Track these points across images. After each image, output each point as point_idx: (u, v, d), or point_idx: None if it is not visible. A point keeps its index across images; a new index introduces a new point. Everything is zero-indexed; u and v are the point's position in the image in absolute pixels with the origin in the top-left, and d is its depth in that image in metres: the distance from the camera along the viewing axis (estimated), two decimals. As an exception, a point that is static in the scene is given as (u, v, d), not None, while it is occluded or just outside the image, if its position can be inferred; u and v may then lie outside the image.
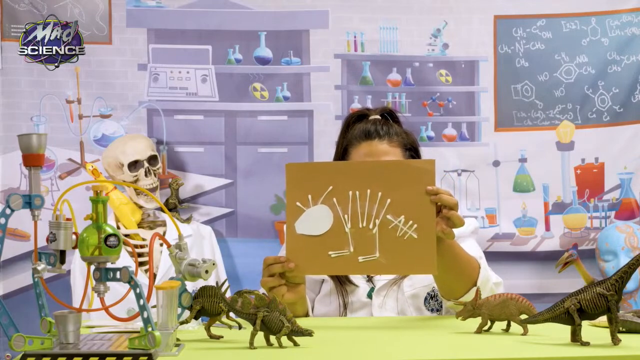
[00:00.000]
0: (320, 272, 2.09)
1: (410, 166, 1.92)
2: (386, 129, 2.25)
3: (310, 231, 1.91)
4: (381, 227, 1.88)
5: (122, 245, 1.44)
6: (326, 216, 1.91)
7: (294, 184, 1.93)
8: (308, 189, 1.91)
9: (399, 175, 1.89)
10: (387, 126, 2.27)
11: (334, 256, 1.89)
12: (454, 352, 1.54)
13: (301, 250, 1.91)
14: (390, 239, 1.87)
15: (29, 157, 1.45)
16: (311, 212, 1.91)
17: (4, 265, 3.22)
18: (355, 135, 2.27)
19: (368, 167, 1.95)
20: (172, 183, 3.29)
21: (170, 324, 1.52)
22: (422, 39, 3.43)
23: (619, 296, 1.47)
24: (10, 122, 3.30)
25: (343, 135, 2.32)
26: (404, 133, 2.30)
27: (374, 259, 1.88)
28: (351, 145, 2.27)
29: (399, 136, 2.26)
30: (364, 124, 2.29)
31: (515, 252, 3.42)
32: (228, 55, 3.41)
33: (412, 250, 1.86)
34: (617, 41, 3.43)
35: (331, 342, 1.63)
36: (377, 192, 1.88)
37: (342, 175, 1.91)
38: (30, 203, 1.43)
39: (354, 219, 1.89)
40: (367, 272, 2.08)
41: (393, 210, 1.87)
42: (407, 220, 1.87)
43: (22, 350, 1.37)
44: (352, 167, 1.99)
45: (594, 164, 3.45)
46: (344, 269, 1.95)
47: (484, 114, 3.45)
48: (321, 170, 1.94)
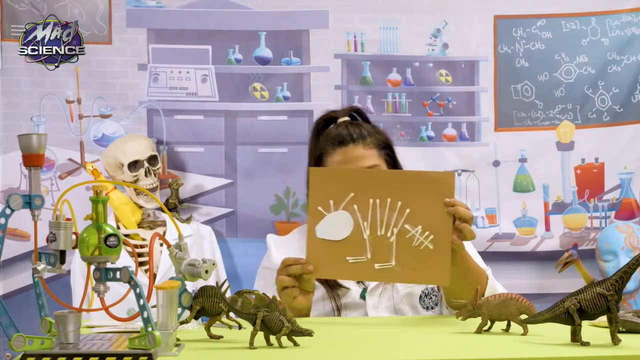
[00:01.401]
0: (337, 277, 2.09)
1: (431, 177, 1.96)
2: (358, 131, 2.23)
3: (330, 236, 1.96)
4: (399, 236, 1.92)
5: (122, 245, 1.44)
6: (346, 222, 1.96)
7: (316, 188, 1.98)
8: (330, 194, 1.96)
9: (419, 185, 1.93)
10: (359, 128, 2.24)
11: (351, 262, 1.94)
12: (454, 352, 1.54)
13: (320, 254, 1.95)
14: (406, 248, 1.92)
15: (29, 157, 1.45)
16: (332, 217, 1.96)
17: (4, 265, 3.22)
18: (327, 142, 2.24)
19: (390, 176, 2.01)
20: (172, 183, 3.29)
21: (170, 324, 1.52)
22: (422, 39, 3.43)
23: (619, 296, 1.47)
24: (10, 122, 3.30)
25: (314, 142, 2.29)
26: (376, 132, 2.27)
27: (389, 266, 1.92)
28: (325, 153, 2.24)
29: (372, 136, 2.24)
30: (334, 128, 2.26)
31: (515, 252, 3.42)
32: (228, 55, 3.41)
33: (427, 260, 1.90)
34: (617, 41, 3.43)
35: (331, 342, 1.63)
36: (397, 201, 1.93)
37: (364, 183, 1.95)
38: (30, 203, 1.43)
39: (373, 227, 1.94)
40: (382, 280, 2.08)
41: (411, 220, 1.92)
42: (424, 231, 1.91)
43: (22, 350, 1.37)
44: (374, 175, 2.03)
45: (594, 164, 3.45)
46: (360, 274, 2.00)
47: (484, 114, 3.45)
48: (344, 176, 1.98)
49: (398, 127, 3.42)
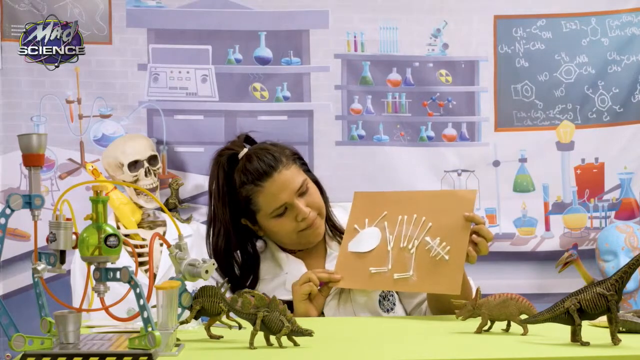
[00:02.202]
0: (359, 286, 2.13)
1: (455, 194, 2.14)
2: (270, 157, 2.17)
3: (359, 249, 2.11)
4: (419, 248, 2.03)
5: (122, 245, 1.44)
6: (375, 237, 2.11)
7: (357, 209, 2.16)
8: (367, 213, 2.13)
9: (443, 200, 2.07)
10: (267, 153, 2.19)
11: (373, 272, 2.06)
12: (454, 352, 1.54)
13: (347, 265, 2.10)
14: (424, 258, 2.02)
15: (29, 157, 1.45)
16: (363, 233, 2.12)
17: (4, 265, 3.22)
18: (247, 182, 2.17)
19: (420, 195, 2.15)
20: (172, 183, 3.29)
21: (170, 324, 1.52)
22: (422, 39, 3.43)
23: (619, 296, 1.47)
24: (10, 122, 3.30)
25: (224, 184, 2.20)
26: (279, 148, 2.22)
27: (407, 276, 2.02)
28: (253, 193, 2.16)
29: (282, 154, 2.19)
30: (245, 163, 2.18)
31: (515, 252, 3.42)
32: (228, 55, 3.41)
33: (441, 270, 1.99)
34: (617, 41, 3.43)
35: (331, 342, 1.63)
36: (421, 217, 2.06)
37: (397, 203, 2.11)
38: (30, 203, 1.43)
39: (397, 240, 2.07)
40: (399, 289, 2.11)
41: (432, 232, 2.03)
42: (441, 242, 2.02)
43: (22, 350, 1.37)
44: (407, 195, 2.18)
45: (594, 164, 3.45)
46: (379, 284, 2.09)
47: (484, 114, 3.45)
48: (383, 198, 2.16)
49: (398, 127, 3.42)
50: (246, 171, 2.18)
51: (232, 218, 2.21)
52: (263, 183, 2.16)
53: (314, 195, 2.21)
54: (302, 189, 2.18)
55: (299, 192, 2.17)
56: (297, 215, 2.16)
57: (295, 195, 2.16)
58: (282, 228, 2.19)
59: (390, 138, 3.40)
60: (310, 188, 2.21)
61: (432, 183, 3.41)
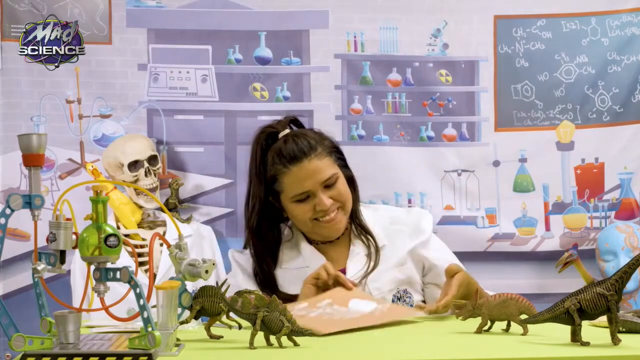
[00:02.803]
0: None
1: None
2: (306, 143, 2.21)
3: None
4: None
5: (122, 245, 1.44)
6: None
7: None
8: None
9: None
10: (305, 139, 2.23)
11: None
12: (454, 352, 1.54)
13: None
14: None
15: (29, 157, 1.45)
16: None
17: (4, 265, 3.22)
18: (278, 160, 2.21)
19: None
20: (172, 183, 3.29)
21: (170, 324, 1.52)
22: (422, 39, 3.43)
23: (619, 296, 1.47)
24: (10, 122, 3.30)
25: (260, 161, 2.25)
26: (321, 138, 2.26)
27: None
28: (280, 173, 2.21)
29: (320, 145, 2.23)
30: (280, 144, 2.23)
31: (515, 252, 3.42)
32: (228, 55, 3.40)
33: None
34: (617, 41, 3.43)
35: (331, 342, 1.63)
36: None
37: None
38: (30, 203, 1.43)
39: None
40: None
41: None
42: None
43: (22, 350, 1.38)
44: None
45: (594, 164, 3.45)
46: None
47: (484, 114, 3.45)
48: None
49: (398, 127, 3.42)
50: (279, 151, 2.22)
51: (265, 195, 2.25)
52: (291, 166, 2.20)
53: (340, 190, 2.23)
54: (329, 181, 2.20)
55: (325, 184, 2.20)
56: (316, 204, 2.17)
57: (320, 185, 2.19)
58: (299, 213, 2.22)
59: (390, 138, 3.40)
60: (338, 182, 2.23)
61: (432, 183, 3.41)
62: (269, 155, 2.24)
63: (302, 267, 2.24)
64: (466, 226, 3.39)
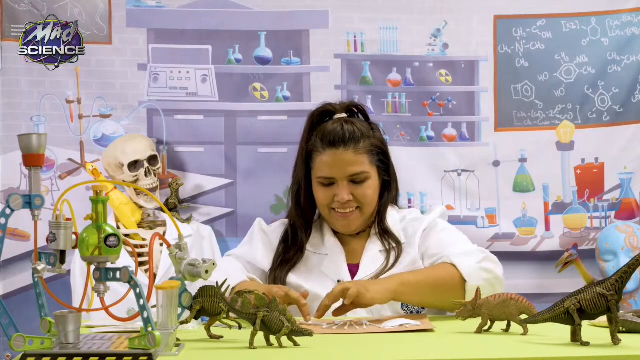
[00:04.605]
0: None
1: None
2: (352, 132, 2.20)
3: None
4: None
5: (122, 245, 1.44)
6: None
7: None
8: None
9: None
10: (353, 128, 2.21)
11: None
12: (454, 352, 1.54)
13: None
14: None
15: (29, 157, 1.45)
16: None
17: (4, 265, 3.22)
18: (319, 139, 2.22)
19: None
20: (172, 183, 3.29)
21: (170, 324, 1.52)
22: (422, 39, 3.43)
23: (619, 296, 1.47)
24: (10, 122, 3.30)
25: (307, 134, 2.27)
26: (371, 134, 2.24)
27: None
28: (315, 151, 2.23)
29: (365, 140, 2.22)
30: (329, 124, 2.23)
31: (515, 252, 3.42)
32: (228, 55, 3.41)
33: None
34: (617, 41, 3.43)
35: (331, 342, 1.63)
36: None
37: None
38: (30, 203, 1.43)
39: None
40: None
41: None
42: None
43: (22, 350, 1.38)
44: None
45: (594, 164, 3.45)
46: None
47: (484, 114, 3.45)
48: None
49: (398, 127, 3.42)
50: (324, 128, 2.23)
51: (306, 177, 2.27)
52: (325, 148, 2.21)
53: (365, 192, 2.22)
54: (356, 177, 2.21)
55: (351, 178, 2.20)
56: (336, 194, 2.19)
57: (345, 178, 2.19)
58: (320, 197, 2.24)
59: (390, 138, 3.40)
60: (367, 183, 2.22)
61: (432, 183, 3.41)
62: (315, 131, 2.25)
63: (322, 254, 2.25)
64: (466, 226, 3.38)
